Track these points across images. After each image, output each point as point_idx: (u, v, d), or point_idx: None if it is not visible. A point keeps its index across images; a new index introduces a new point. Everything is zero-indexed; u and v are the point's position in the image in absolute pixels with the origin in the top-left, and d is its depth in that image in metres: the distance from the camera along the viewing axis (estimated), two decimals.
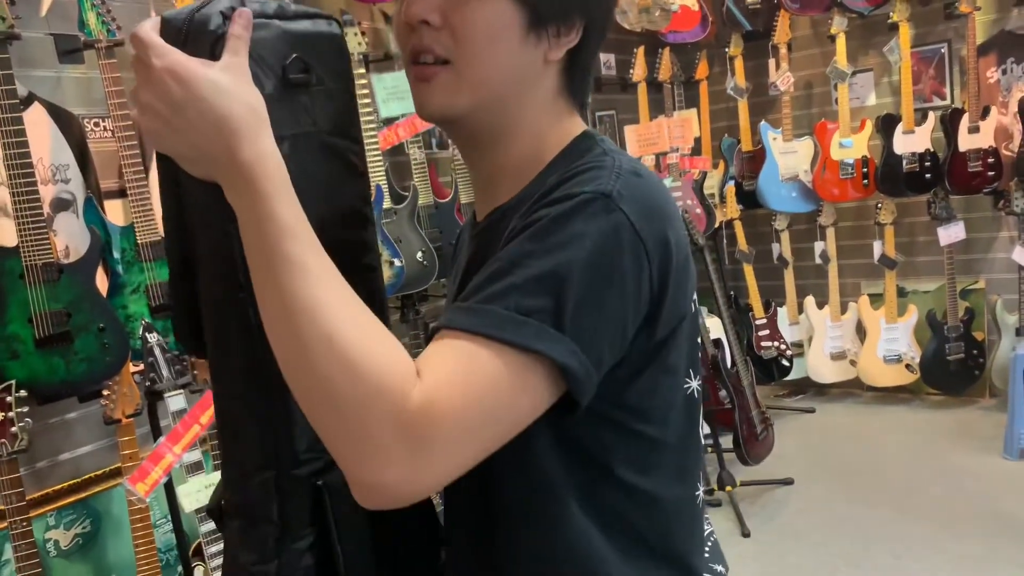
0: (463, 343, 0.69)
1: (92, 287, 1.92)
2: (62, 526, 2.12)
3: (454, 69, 0.78)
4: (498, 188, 0.86)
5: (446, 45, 0.78)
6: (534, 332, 0.69)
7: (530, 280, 0.70)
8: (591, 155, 0.80)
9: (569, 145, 0.84)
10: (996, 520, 3.00)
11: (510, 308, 0.69)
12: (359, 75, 2.64)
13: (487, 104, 0.81)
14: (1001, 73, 3.93)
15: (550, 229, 0.71)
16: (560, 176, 0.77)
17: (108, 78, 1.98)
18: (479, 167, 0.88)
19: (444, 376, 0.68)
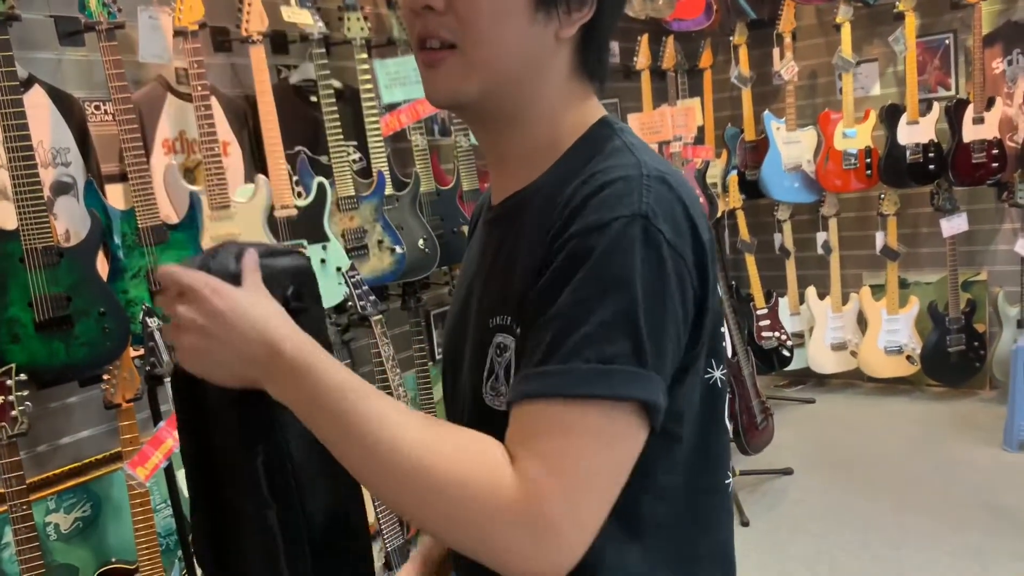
0: (551, 409, 0.68)
1: (93, 271, 1.91)
2: (62, 510, 2.12)
3: (461, 53, 0.77)
4: (514, 172, 0.84)
5: (452, 29, 0.76)
6: (623, 379, 0.68)
7: (602, 326, 0.68)
8: (613, 151, 0.78)
9: (587, 133, 0.82)
10: (995, 512, 3.00)
11: (591, 360, 0.68)
12: (361, 60, 2.63)
13: (498, 87, 0.79)
14: (1007, 64, 3.91)
15: (600, 268, 0.69)
16: (583, 179, 0.75)
17: (109, 60, 1.97)
18: (493, 150, 0.86)
19: (539, 452, 0.68)
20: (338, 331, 2.31)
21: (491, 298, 0.82)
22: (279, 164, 2.39)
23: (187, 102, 2.29)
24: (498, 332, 0.79)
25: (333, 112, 2.51)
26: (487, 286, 0.84)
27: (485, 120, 0.83)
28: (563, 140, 0.82)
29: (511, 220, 0.82)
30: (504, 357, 0.78)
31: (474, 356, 0.82)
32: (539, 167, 0.82)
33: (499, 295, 0.80)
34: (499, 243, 0.83)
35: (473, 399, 0.82)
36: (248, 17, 2.36)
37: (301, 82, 2.69)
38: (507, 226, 0.83)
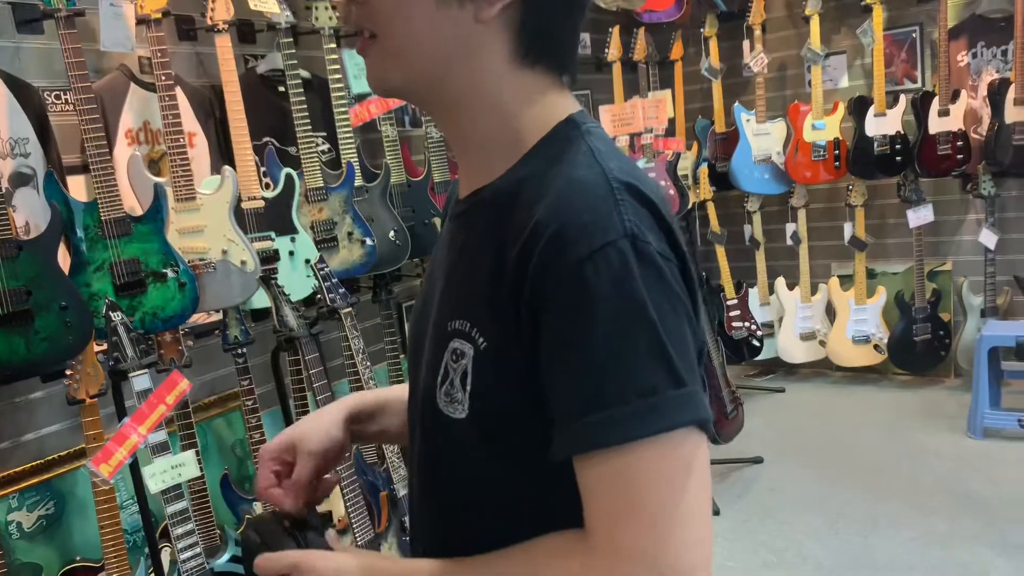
0: (610, 462, 0.66)
1: (53, 264, 1.87)
2: (25, 508, 2.08)
3: (379, 42, 0.76)
4: (477, 165, 0.81)
5: (368, 18, 0.75)
6: (670, 407, 0.67)
7: (632, 361, 0.66)
8: (575, 159, 0.74)
9: (551, 133, 0.77)
10: (960, 497, 3.06)
11: (632, 399, 0.66)
12: (330, 50, 2.60)
13: (420, 75, 0.76)
14: (971, 57, 3.97)
15: (610, 302, 0.66)
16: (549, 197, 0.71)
17: (69, 49, 1.92)
18: (452, 139, 0.83)
19: (609, 514, 0.67)
20: (307, 324, 2.28)
21: (451, 299, 0.80)
22: (246, 155, 2.35)
23: (151, 92, 2.25)
24: (455, 337, 0.76)
25: (301, 102, 2.48)
26: (448, 284, 0.82)
27: (428, 108, 0.82)
28: (525, 137, 0.78)
29: (472, 219, 0.80)
30: (460, 364, 0.75)
31: (432, 355, 0.80)
32: (500, 164, 0.78)
33: (458, 298, 0.78)
34: (462, 242, 0.81)
35: (428, 400, 0.79)
36: (213, 5, 2.32)
37: (268, 72, 2.65)
38: (469, 225, 0.80)
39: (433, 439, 0.81)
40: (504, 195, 0.76)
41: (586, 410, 0.67)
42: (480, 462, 0.77)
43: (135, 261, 2.03)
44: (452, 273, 0.82)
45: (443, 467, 0.81)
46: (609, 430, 0.66)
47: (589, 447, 0.67)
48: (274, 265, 2.37)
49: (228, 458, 2.62)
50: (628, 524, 0.66)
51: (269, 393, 2.52)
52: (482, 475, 0.77)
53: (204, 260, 2.17)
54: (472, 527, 0.80)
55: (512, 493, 0.77)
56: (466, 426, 0.75)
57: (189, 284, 2.10)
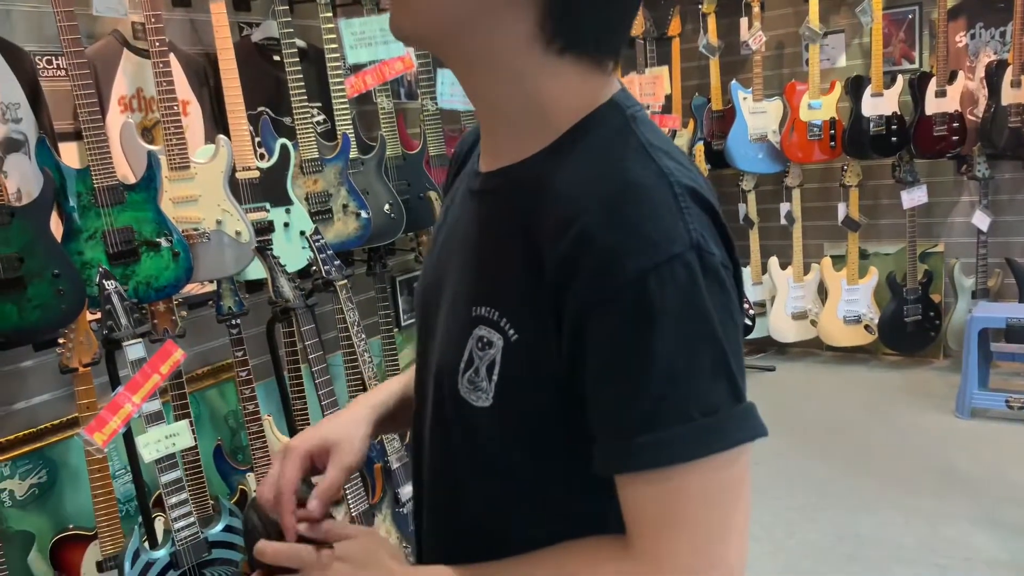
0: (672, 480, 0.65)
1: (46, 231, 1.85)
2: (17, 476, 2.08)
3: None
4: (501, 137, 0.77)
5: None
6: (732, 425, 0.66)
7: (697, 376, 0.65)
8: (629, 155, 0.69)
9: (593, 116, 0.72)
10: (947, 476, 3.09)
11: (696, 417, 0.64)
12: (326, 19, 2.56)
13: (437, 30, 0.72)
14: (970, 38, 3.95)
15: (677, 317, 0.64)
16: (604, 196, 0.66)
17: (61, 12, 1.88)
18: (475, 104, 0.78)
19: (655, 527, 0.67)
20: (302, 296, 2.27)
21: (474, 283, 0.76)
22: (241, 124, 2.33)
23: (144, 58, 2.22)
24: (481, 324, 0.73)
25: (297, 72, 2.45)
26: (469, 265, 0.78)
27: (449, 63, 0.77)
28: (554, 117, 0.73)
29: (501, 201, 0.76)
30: (488, 353, 0.73)
31: (449, 337, 0.78)
32: (531, 142, 0.74)
33: (484, 282, 0.75)
34: (486, 222, 0.77)
35: (446, 383, 0.77)
36: None
37: (264, 40, 2.62)
38: (496, 206, 0.76)
39: (449, 423, 0.79)
40: (538, 181, 0.72)
41: (643, 429, 0.65)
42: (500, 451, 0.76)
43: (128, 230, 2.01)
44: (475, 255, 0.78)
45: (459, 452, 0.79)
46: (667, 450, 0.64)
47: (645, 466, 0.65)
48: (269, 236, 2.35)
49: (221, 429, 2.62)
50: (675, 538, 0.66)
51: (263, 364, 2.52)
52: (500, 463, 0.76)
53: (198, 230, 2.15)
54: (485, 512, 0.80)
55: (529, 483, 0.76)
56: (489, 415, 0.73)
57: (183, 254, 2.08)
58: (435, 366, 0.81)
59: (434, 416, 0.81)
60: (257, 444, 2.33)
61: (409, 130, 3.06)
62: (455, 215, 0.85)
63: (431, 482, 0.86)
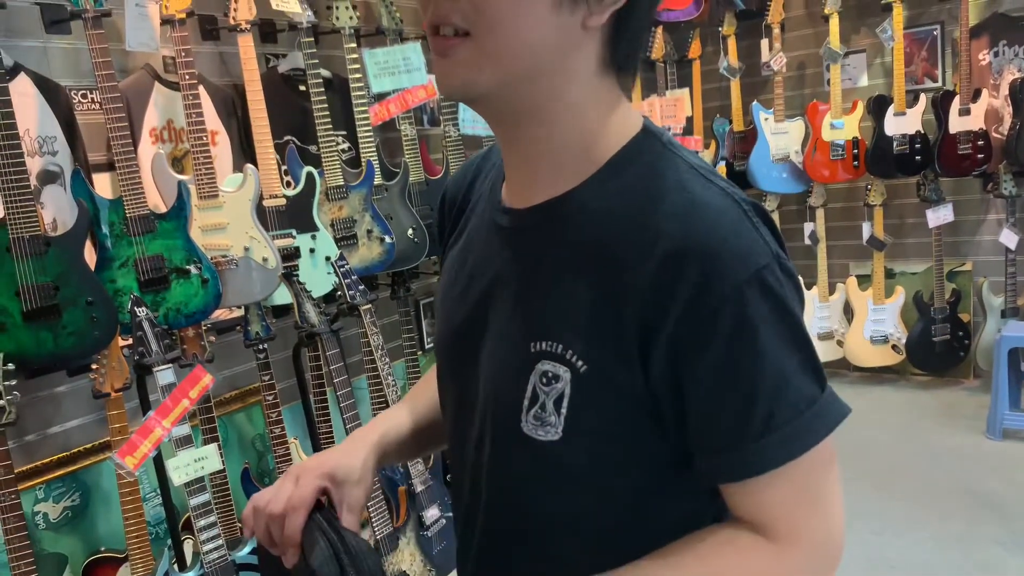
0: (792, 470, 0.72)
1: (80, 260, 1.91)
2: (51, 499, 2.13)
3: (474, 42, 0.69)
4: (541, 176, 0.77)
5: (465, 14, 0.68)
6: (826, 412, 0.73)
7: (797, 376, 0.71)
8: (687, 180, 0.73)
9: (634, 144, 0.75)
10: (978, 499, 3.04)
11: (803, 413, 0.71)
12: (350, 49, 2.62)
13: (514, 80, 0.71)
14: (993, 56, 3.93)
15: (774, 324, 0.69)
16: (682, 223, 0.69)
17: (95, 49, 1.96)
18: (514, 148, 0.78)
19: (788, 511, 0.74)
20: (327, 320, 2.31)
21: (529, 319, 0.76)
22: (268, 153, 2.38)
23: (175, 91, 2.28)
24: (544, 359, 0.74)
25: (322, 101, 2.51)
26: (520, 302, 0.78)
27: (503, 115, 0.76)
28: (601, 147, 0.75)
29: (550, 234, 0.76)
30: (554, 388, 0.74)
31: (504, 375, 0.78)
32: (574, 175, 0.76)
33: (543, 319, 0.75)
34: (534, 258, 0.78)
35: (501, 423, 0.79)
36: (236, 5, 2.35)
37: (290, 71, 2.68)
38: (545, 239, 0.77)
39: (513, 459, 0.80)
40: (596, 211, 0.74)
41: (765, 432, 0.70)
42: (572, 481, 0.78)
43: (159, 258, 2.07)
44: (524, 289, 0.78)
45: (528, 486, 0.80)
46: (788, 446, 0.71)
47: (773, 466, 0.71)
48: (295, 262, 2.40)
49: (249, 452, 2.66)
50: (807, 515, 0.75)
51: (289, 388, 2.55)
52: (574, 492, 0.78)
53: (226, 257, 2.20)
54: (561, 542, 0.81)
55: (626, 500, 0.78)
56: (559, 447, 0.75)
57: (212, 280, 2.13)
58: (484, 406, 0.81)
59: (494, 452, 0.82)
60: (284, 467, 2.36)
61: (432, 156, 3.11)
62: (480, 253, 0.85)
63: (496, 516, 0.85)
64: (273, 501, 0.85)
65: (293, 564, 0.85)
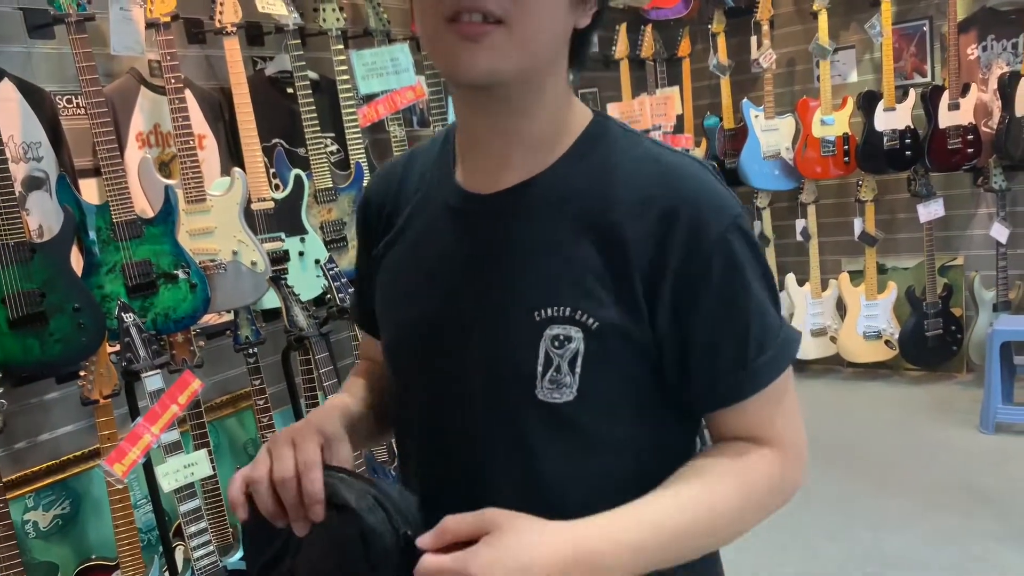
0: (771, 389, 0.82)
1: (66, 266, 1.90)
2: (41, 507, 2.11)
3: (508, 29, 0.74)
4: (515, 161, 0.83)
5: (502, 3, 0.73)
6: (791, 336, 0.84)
7: (772, 308, 0.82)
8: (646, 145, 0.84)
9: (595, 127, 0.84)
10: (972, 493, 3.05)
11: (779, 338, 0.82)
12: (337, 51, 2.61)
13: (531, 70, 0.78)
14: (981, 50, 3.94)
15: (751, 267, 0.80)
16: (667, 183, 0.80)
17: (79, 53, 1.94)
18: (491, 137, 0.83)
19: (782, 420, 0.85)
20: (316, 324, 2.30)
21: (530, 289, 0.81)
22: (255, 156, 2.37)
23: (161, 95, 2.27)
24: (553, 324, 0.79)
25: (310, 104, 2.50)
26: (516, 275, 0.82)
27: (501, 103, 0.80)
28: (567, 131, 0.84)
29: (531, 211, 0.82)
30: (568, 348, 0.79)
31: (509, 349, 0.81)
32: (543, 157, 0.83)
33: (547, 286, 0.80)
34: (522, 233, 0.82)
35: (515, 394, 0.81)
36: (222, 8, 2.34)
37: (277, 74, 2.67)
38: (527, 216, 0.82)
39: (528, 429, 0.82)
40: (577, 185, 0.82)
41: (756, 356, 0.81)
42: (585, 439, 0.83)
43: (147, 263, 2.05)
44: (519, 262, 0.82)
45: (544, 452, 0.83)
46: (774, 366, 0.82)
47: (764, 384, 0.82)
48: (284, 265, 2.39)
49: (240, 457, 2.65)
50: (787, 425, 0.86)
51: (280, 392, 2.54)
52: (586, 450, 0.83)
53: (215, 261, 2.19)
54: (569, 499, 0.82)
55: (633, 451, 0.85)
56: (574, 407, 0.80)
57: (200, 285, 2.12)
58: (484, 386, 0.83)
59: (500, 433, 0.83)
60: None
61: None
62: (440, 244, 0.87)
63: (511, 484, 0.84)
64: (278, 468, 0.80)
65: (306, 532, 0.79)
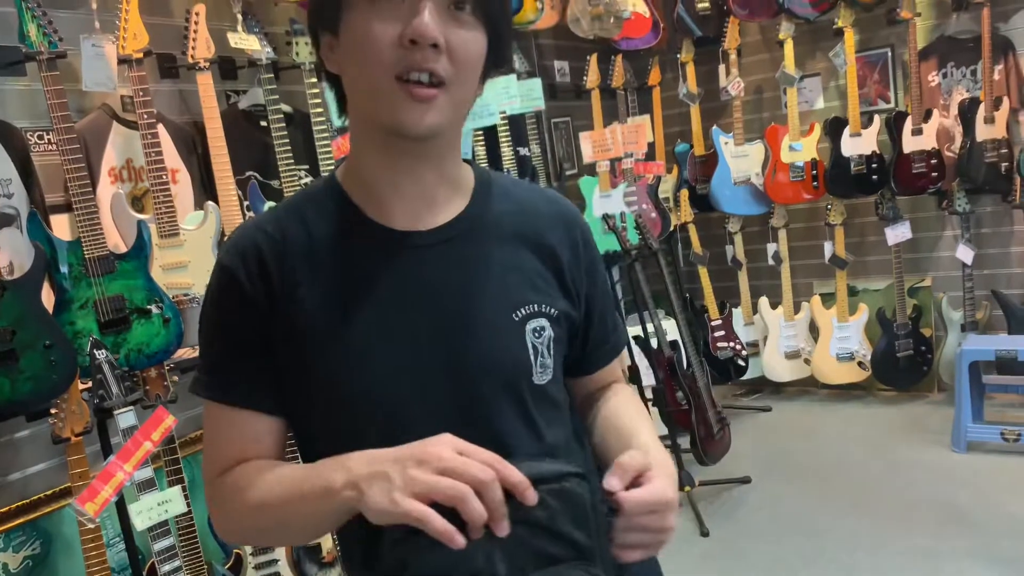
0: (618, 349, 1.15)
1: (37, 303, 1.88)
2: (11, 549, 2.07)
3: (447, 91, 0.86)
4: (440, 201, 0.97)
5: (446, 68, 0.85)
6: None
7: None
8: (519, 181, 1.11)
9: (480, 169, 1.03)
10: (945, 511, 3.08)
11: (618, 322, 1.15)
12: (311, 84, 2.63)
13: (456, 124, 0.93)
14: (942, 77, 4.05)
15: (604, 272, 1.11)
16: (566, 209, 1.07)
17: (51, 90, 1.94)
18: (423, 179, 0.95)
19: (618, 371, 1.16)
20: None
21: (502, 296, 0.95)
22: (229, 189, 2.37)
23: (133, 130, 2.27)
24: (529, 319, 0.96)
25: (283, 136, 2.51)
26: (483, 290, 0.95)
27: (429, 150, 0.93)
28: (466, 172, 1.00)
29: (474, 236, 0.96)
30: (544, 335, 0.97)
31: (501, 350, 0.94)
32: (461, 194, 0.99)
33: (514, 291, 0.96)
34: (476, 255, 0.96)
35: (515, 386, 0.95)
36: (194, 44, 2.35)
37: (251, 107, 2.68)
38: (474, 242, 0.96)
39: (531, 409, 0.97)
40: (502, 213, 1.00)
41: (617, 327, 1.13)
42: (555, 402, 1.01)
43: (119, 298, 2.04)
44: (482, 278, 0.95)
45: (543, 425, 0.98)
46: (622, 334, 1.16)
47: (623, 347, 1.16)
48: None
49: None
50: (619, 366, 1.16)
51: None
52: (556, 409, 1.02)
53: (188, 295, 2.18)
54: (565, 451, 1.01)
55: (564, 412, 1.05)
56: (551, 385, 0.99)
57: (173, 319, 2.11)
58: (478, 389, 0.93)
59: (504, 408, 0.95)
60: None
61: None
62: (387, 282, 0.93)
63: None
64: (474, 472, 0.76)
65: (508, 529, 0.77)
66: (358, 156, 0.95)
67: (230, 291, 0.93)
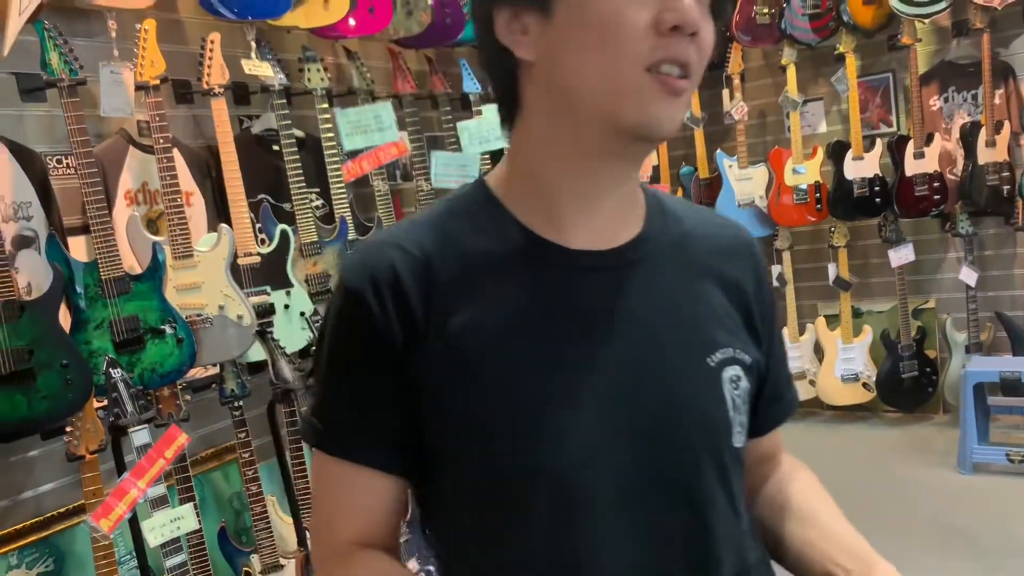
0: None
1: (55, 324, 1.92)
2: (24, 565, 2.10)
3: (692, 85, 0.74)
4: (622, 217, 0.82)
5: (695, 59, 0.73)
6: None
7: None
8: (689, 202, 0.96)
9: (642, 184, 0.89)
10: (951, 533, 3.08)
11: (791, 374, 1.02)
12: (322, 109, 2.69)
13: None
14: (943, 101, 4.10)
15: None
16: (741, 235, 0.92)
17: (71, 116, 2.00)
18: (619, 192, 0.81)
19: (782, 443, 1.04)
20: (302, 376, 2.33)
21: (694, 335, 0.80)
22: (242, 212, 2.42)
23: (149, 154, 2.33)
24: (726, 366, 0.80)
25: (295, 160, 2.56)
26: (676, 324, 0.79)
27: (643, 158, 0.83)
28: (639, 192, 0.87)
29: (656, 260, 0.81)
30: (740, 387, 0.81)
31: (695, 401, 0.78)
32: (638, 215, 0.84)
33: (706, 330, 0.80)
34: (664, 282, 0.81)
35: (715, 448, 0.79)
36: (209, 71, 2.41)
37: (263, 132, 2.74)
38: (659, 267, 0.81)
39: (727, 479, 0.81)
40: (679, 234, 0.85)
41: (791, 380, 0.97)
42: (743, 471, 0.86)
43: (134, 318, 2.08)
44: (677, 311, 0.80)
45: (738, 496, 0.84)
46: (796, 390, 0.97)
47: (797, 406, 0.97)
48: (270, 318, 2.43)
49: (226, 510, 2.64)
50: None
51: (265, 445, 2.55)
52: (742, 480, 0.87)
53: (201, 316, 2.22)
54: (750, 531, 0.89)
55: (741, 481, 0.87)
56: (743, 446, 0.84)
57: (187, 339, 2.15)
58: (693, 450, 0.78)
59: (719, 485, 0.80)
60: (261, 525, 2.35)
61: (405, 209, 3.16)
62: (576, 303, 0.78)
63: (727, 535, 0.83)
64: None
65: None
66: (540, 164, 0.78)
67: (357, 322, 0.76)
